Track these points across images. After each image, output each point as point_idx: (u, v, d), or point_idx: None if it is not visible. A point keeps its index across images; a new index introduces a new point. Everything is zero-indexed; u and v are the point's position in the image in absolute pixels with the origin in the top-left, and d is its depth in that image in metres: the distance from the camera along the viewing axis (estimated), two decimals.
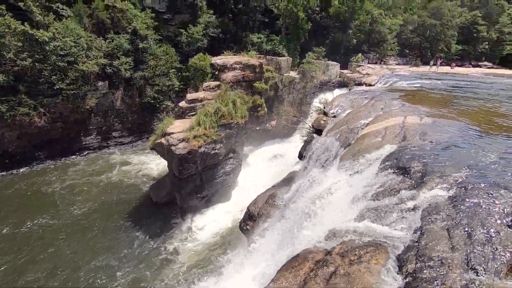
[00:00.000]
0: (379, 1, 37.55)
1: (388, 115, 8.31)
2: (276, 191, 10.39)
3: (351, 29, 34.21)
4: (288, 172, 12.60)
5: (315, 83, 26.92)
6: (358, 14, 33.48)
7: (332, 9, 33.29)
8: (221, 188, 15.56)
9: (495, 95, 14.19)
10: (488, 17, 42.52)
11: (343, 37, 33.65)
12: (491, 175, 4.55)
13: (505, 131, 7.21)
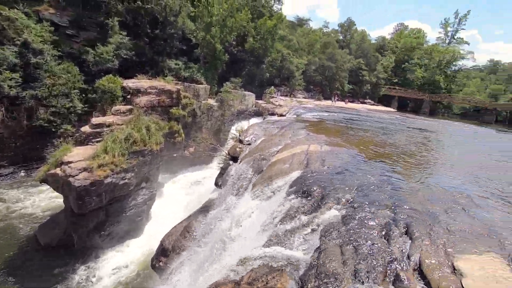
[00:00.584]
0: (287, 43, 42.57)
1: (295, 143, 9.19)
2: (192, 222, 9.96)
3: (265, 64, 37.49)
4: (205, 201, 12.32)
5: (233, 112, 27.97)
6: (270, 51, 37.11)
7: (247, 44, 36.04)
8: (132, 222, 14.02)
9: (375, 127, 17.42)
10: (369, 64, 53.11)
11: (258, 70, 36.47)
12: (372, 195, 5.44)
13: (380, 156, 8.84)
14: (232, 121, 27.88)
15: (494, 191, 6.69)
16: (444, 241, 3.89)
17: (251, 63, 36.78)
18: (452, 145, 14.72)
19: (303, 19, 62.30)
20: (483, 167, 9.53)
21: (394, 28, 78.92)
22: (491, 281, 3.08)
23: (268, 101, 32.57)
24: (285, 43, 42.41)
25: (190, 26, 29.11)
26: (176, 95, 20.33)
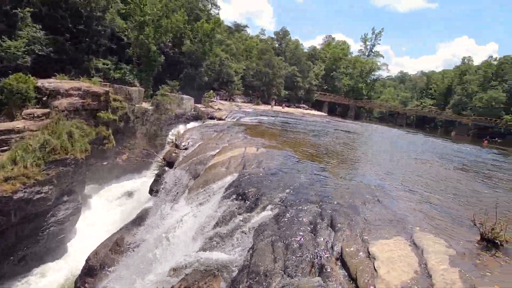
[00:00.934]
0: (226, 47, 42.84)
1: (233, 147, 9.25)
2: (124, 235, 9.18)
3: (203, 68, 37.01)
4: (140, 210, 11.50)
5: (170, 116, 26.84)
6: (208, 55, 36.80)
7: (184, 47, 35.12)
8: (52, 241, 12.29)
9: (308, 130, 18.70)
10: (302, 71, 56.85)
11: (196, 73, 35.79)
12: (302, 193, 5.80)
13: (311, 157, 9.52)
14: (170, 126, 26.73)
15: (404, 183, 7.78)
16: (361, 230, 4.36)
17: (189, 66, 35.94)
18: (371, 145, 16.67)
19: (240, 25, 63.57)
20: (395, 163, 11.02)
21: (323, 39, 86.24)
22: (396, 260, 3.55)
23: (207, 105, 32.21)
24: (223, 48, 42.59)
25: (121, 23, 27.04)
26: (104, 97, 18.62)
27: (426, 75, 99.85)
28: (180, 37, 35.81)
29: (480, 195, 7.65)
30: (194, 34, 35.45)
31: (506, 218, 4.81)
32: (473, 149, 25.69)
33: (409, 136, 31.99)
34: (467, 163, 14.21)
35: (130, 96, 22.35)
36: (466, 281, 3.26)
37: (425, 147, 20.50)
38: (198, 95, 34.59)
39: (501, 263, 3.85)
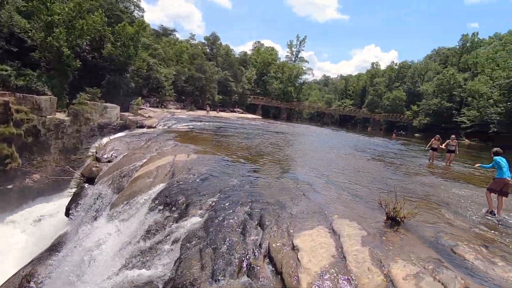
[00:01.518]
0: (153, 52, 40.75)
1: (161, 155, 8.79)
2: (36, 268, 7.85)
3: (129, 73, 34.46)
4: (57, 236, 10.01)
5: (92, 127, 24.23)
6: (134, 60, 34.44)
7: (105, 51, 32.19)
8: None
9: (242, 132, 19.03)
10: (235, 76, 57.72)
11: (121, 79, 33.11)
12: (233, 195, 5.83)
13: (243, 158, 9.69)
14: (93, 138, 24.11)
15: (327, 176, 8.49)
16: (288, 225, 4.58)
17: (112, 72, 33.07)
18: (300, 143, 17.83)
19: (168, 29, 61.34)
20: (321, 159, 11.97)
21: (253, 45, 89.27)
22: (317, 248, 3.83)
23: (136, 113, 30.09)
24: (150, 52, 40.42)
25: (22, 23, 23.37)
26: (3, 109, 15.84)
27: (344, 78, 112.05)
28: (99, 40, 32.72)
29: (388, 180, 8.84)
30: (116, 37, 32.78)
31: (404, 198, 5.64)
32: (384, 141, 29.67)
33: (333, 133, 35.25)
34: (378, 154, 16.32)
35: (39, 106, 19.51)
36: (374, 257, 3.70)
37: (346, 142, 22.87)
38: (125, 103, 32.04)
39: (401, 237, 4.49)
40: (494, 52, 55.76)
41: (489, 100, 47.34)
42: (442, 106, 59.08)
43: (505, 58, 48.23)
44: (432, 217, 5.66)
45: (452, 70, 62.49)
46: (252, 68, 70.30)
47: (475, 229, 5.28)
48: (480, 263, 3.84)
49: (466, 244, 4.40)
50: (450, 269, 3.57)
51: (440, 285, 3.19)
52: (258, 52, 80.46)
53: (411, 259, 3.74)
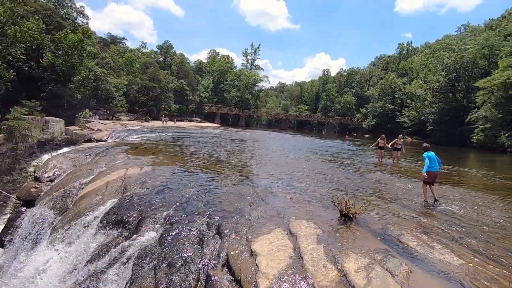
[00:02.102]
0: (101, 61, 38.41)
1: (111, 170, 8.23)
2: None
3: (73, 84, 31.94)
4: None
5: (31, 143, 21.85)
6: (78, 69, 32.05)
7: (44, 60, 29.51)
8: None
9: (200, 141, 18.70)
10: (191, 85, 56.81)
11: (65, 91, 30.55)
12: (190, 206, 5.66)
13: (201, 168, 9.50)
14: (32, 156, 21.70)
15: (285, 179, 8.68)
16: (246, 230, 4.57)
17: (54, 82, 30.41)
18: (259, 149, 18.06)
19: (117, 37, 58.46)
20: (279, 163, 12.23)
21: (209, 53, 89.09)
22: (275, 251, 3.86)
23: (84, 126, 27.91)
24: (97, 61, 38.01)
25: None
26: None
27: (299, 85, 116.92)
28: (37, 49, 29.96)
29: (341, 179, 9.33)
30: (57, 45, 30.30)
31: (355, 195, 5.99)
32: (338, 143, 31.40)
33: (291, 138, 36.36)
34: (332, 155, 17.20)
35: None
36: (328, 254, 3.84)
37: (302, 146, 23.73)
38: (71, 116, 29.57)
39: (353, 232, 4.73)
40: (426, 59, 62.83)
41: (424, 101, 52.96)
42: (386, 108, 64.63)
43: (434, 64, 54.54)
44: (381, 211, 6.08)
45: (392, 75, 68.87)
46: (208, 77, 69.95)
47: (417, 218, 5.79)
48: (421, 249, 4.20)
49: (409, 233, 4.80)
50: (396, 257, 3.85)
51: (387, 273, 3.41)
52: (214, 60, 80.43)
53: (362, 252, 3.95)
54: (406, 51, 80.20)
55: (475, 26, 66.85)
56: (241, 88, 74.51)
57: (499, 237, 4.98)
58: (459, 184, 10.17)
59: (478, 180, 11.96)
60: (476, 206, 6.94)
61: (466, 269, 3.69)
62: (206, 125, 50.45)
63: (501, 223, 5.77)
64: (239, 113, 71.67)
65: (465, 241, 4.64)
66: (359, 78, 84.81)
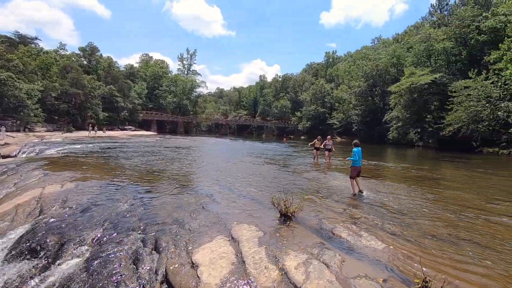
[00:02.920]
0: (5, 63, 32.89)
1: (22, 190, 7.04)
2: None
3: None
4: None
5: None
6: None
7: None
8: None
9: (134, 151, 17.40)
10: (122, 91, 52.62)
11: None
12: (122, 222, 5.17)
13: (135, 180, 8.82)
14: None
15: (226, 185, 8.61)
16: (186, 242, 4.37)
17: None
18: (200, 156, 17.65)
19: (27, 37, 50.82)
20: (220, 169, 12.11)
21: (141, 57, 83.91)
22: (217, 259, 3.77)
23: None
24: (2, 63, 32.46)
25: None
26: None
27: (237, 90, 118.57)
28: None
29: (280, 180, 9.69)
30: None
31: (293, 195, 6.27)
32: (277, 145, 32.69)
33: (231, 142, 36.51)
34: (272, 157, 17.81)
35: None
36: (269, 255, 3.91)
37: (243, 150, 24.03)
38: None
39: (292, 230, 4.93)
40: (348, 67, 70.08)
41: (349, 104, 58.92)
42: (318, 111, 69.94)
43: (356, 71, 61.18)
44: (316, 207, 6.48)
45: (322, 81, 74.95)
46: (142, 82, 65.79)
47: (347, 210, 6.34)
48: (351, 238, 4.60)
49: (341, 225, 5.22)
50: (331, 249, 4.14)
51: (324, 266, 3.63)
52: (147, 65, 76.10)
53: (301, 248, 4.14)
54: (332, 59, 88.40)
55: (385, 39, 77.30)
56: (178, 94, 71.96)
57: (414, 220, 5.77)
58: (382, 177, 11.52)
59: (396, 172, 13.73)
60: (395, 195, 7.93)
61: (388, 251, 4.16)
62: (141, 133, 47.22)
63: (415, 208, 6.70)
64: (177, 120, 69.04)
65: (387, 227, 5.25)
66: (293, 84, 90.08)
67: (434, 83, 36.72)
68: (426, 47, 41.16)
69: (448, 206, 6.96)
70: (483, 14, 36.14)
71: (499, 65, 28.69)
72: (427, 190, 8.90)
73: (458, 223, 5.65)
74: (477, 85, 30.06)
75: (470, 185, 10.48)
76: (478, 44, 35.68)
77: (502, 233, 5.15)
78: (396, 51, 50.86)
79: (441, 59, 39.96)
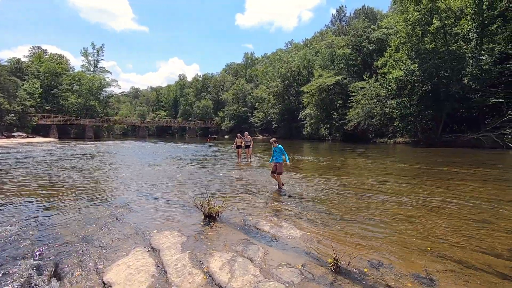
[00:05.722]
0: None
1: None
2: None
3: None
4: None
5: None
6: None
7: None
8: None
9: (27, 163, 14.55)
10: (6, 90, 43.23)
11: None
12: (10, 248, 4.22)
13: (24, 196, 7.37)
14: None
15: (143, 192, 7.95)
16: (96, 261, 3.83)
17: None
18: (113, 163, 15.89)
19: None
20: (137, 175, 11.13)
21: (30, 51, 70.57)
22: (134, 275, 3.42)
23: None
24: None
25: None
26: None
27: (155, 90, 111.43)
28: None
29: (203, 181, 9.51)
30: None
31: (217, 195, 6.21)
32: (200, 146, 32.11)
33: (151, 146, 34.14)
34: (195, 159, 17.38)
35: None
36: (193, 259, 3.76)
37: (164, 153, 22.74)
38: None
39: (217, 230, 4.87)
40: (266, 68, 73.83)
41: (268, 103, 62.20)
42: (240, 110, 71.66)
43: (273, 72, 64.97)
44: (240, 204, 6.57)
45: (242, 81, 76.99)
46: (33, 80, 55.24)
47: (268, 204, 6.63)
48: (273, 230, 4.82)
49: (263, 219, 5.42)
50: (255, 244, 4.24)
51: (248, 261, 3.69)
52: (39, 59, 64.34)
53: (226, 247, 4.12)
54: (251, 60, 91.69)
55: (297, 43, 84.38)
56: (84, 94, 63.21)
57: (326, 206, 6.41)
58: (299, 170, 12.49)
59: (311, 164, 15.09)
60: (311, 186, 8.69)
61: (305, 237, 4.51)
62: (36, 140, 39.69)
63: (327, 195, 7.46)
64: (84, 123, 60.60)
65: (303, 215, 5.69)
66: (214, 84, 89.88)
67: (338, 84, 41.92)
68: (330, 52, 46.68)
69: (353, 190, 8.00)
70: (371, 26, 43.05)
71: (384, 69, 34.71)
72: (336, 178, 10.05)
73: (360, 204, 6.55)
74: (370, 86, 35.68)
75: (368, 171, 12.32)
76: (368, 51, 42.32)
77: (393, 209, 6.19)
78: (306, 55, 56.09)
79: (342, 63, 45.92)
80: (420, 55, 28.47)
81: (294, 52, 71.30)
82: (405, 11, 29.13)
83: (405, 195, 7.35)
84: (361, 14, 51.22)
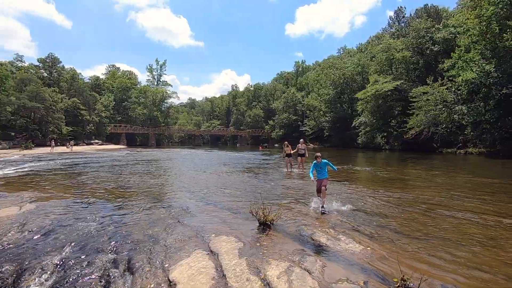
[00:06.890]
0: None
1: None
2: None
3: None
4: None
5: None
6: None
7: None
8: None
9: (101, 167, 16.51)
10: (87, 103, 50.16)
11: None
12: (91, 243, 4.80)
13: (104, 197, 8.32)
14: None
15: (202, 197, 8.39)
16: (162, 259, 4.13)
17: None
18: (173, 168, 17.14)
19: None
20: (195, 181, 11.80)
21: (106, 69, 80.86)
22: (196, 275, 3.60)
23: None
24: None
25: None
26: None
27: (210, 100, 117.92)
28: None
29: (257, 189, 9.64)
30: None
31: (271, 203, 6.24)
32: (252, 154, 32.72)
33: (205, 153, 35.97)
34: (247, 167, 17.75)
35: None
36: (251, 266, 3.81)
37: (218, 160, 23.75)
38: None
39: (272, 239, 4.87)
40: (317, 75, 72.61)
41: (320, 111, 60.82)
42: (290, 119, 71.42)
43: (324, 80, 63.55)
44: (294, 214, 6.48)
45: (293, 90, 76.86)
46: (108, 94, 63.21)
47: (324, 215, 6.41)
48: (330, 243, 4.63)
49: (320, 230, 5.25)
50: (311, 255, 4.12)
51: (306, 272, 3.60)
52: (114, 76, 73.40)
53: (282, 257, 4.08)
54: (301, 68, 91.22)
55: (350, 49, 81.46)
56: (148, 105, 70.01)
57: (387, 221, 5.95)
58: (354, 180, 11.87)
59: (367, 175, 14.23)
60: (369, 198, 8.18)
61: (366, 253, 4.23)
62: (109, 147, 45.04)
63: (387, 209, 6.93)
64: (148, 132, 66.91)
65: (362, 229, 5.36)
66: (265, 93, 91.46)
67: (396, 90, 39.10)
68: (387, 56, 43.91)
69: (418, 205, 7.29)
70: (435, 26, 39.44)
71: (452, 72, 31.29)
72: (396, 191, 9.29)
73: (426, 221, 5.92)
74: (434, 91, 32.46)
75: (435, 183, 11.12)
76: (432, 53, 38.73)
77: (468, 228, 5.47)
78: (361, 60, 53.70)
79: (401, 67, 42.79)
80: (497, 54, 25.02)
81: (347, 58, 68.97)
82: (477, 6, 26.03)
83: (482, 214, 6.44)
84: (423, 14, 47.29)
